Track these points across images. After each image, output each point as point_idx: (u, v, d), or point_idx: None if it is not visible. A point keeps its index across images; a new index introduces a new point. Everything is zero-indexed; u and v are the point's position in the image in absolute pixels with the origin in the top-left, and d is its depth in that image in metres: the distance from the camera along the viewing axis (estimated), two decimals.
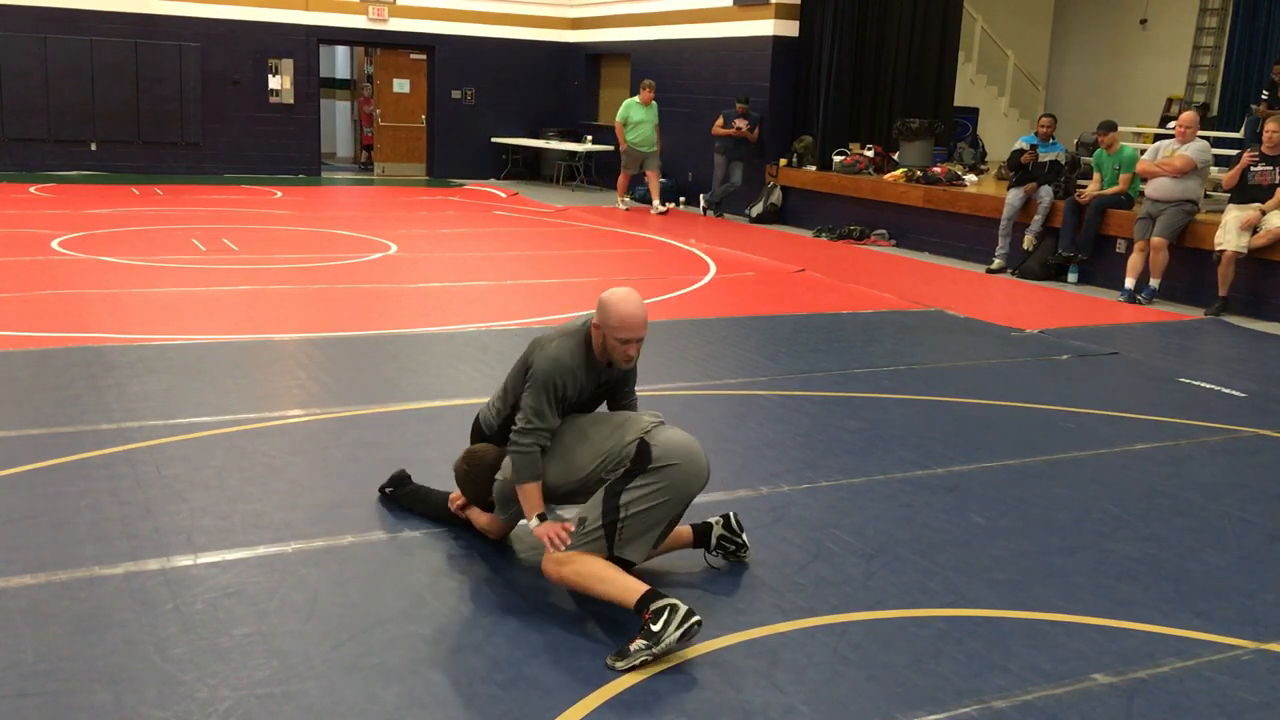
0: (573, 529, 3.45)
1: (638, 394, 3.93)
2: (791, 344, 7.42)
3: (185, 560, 3.68)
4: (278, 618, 3.32)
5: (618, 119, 14.99)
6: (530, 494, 3.55)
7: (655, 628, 3.09)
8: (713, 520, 3.80)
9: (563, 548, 3.42)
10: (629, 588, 3.25)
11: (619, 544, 3.38)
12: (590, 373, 3.64)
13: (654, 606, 3.13)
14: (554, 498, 3.63)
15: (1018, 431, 5.61)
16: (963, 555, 4.01)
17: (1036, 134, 11.41)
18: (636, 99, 14.95)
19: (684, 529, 3.75)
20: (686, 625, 3.10)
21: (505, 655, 3.17)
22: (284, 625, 3.28)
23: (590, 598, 3.38)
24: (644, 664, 3.08)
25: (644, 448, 3.40)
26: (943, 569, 3.88)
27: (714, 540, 3.78)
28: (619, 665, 3.09)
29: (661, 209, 14.90)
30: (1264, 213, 9.14)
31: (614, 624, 3.38)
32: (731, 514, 3.82)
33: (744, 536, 3.82)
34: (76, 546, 3.74)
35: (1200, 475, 5.06)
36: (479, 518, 3.90)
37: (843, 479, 4.77)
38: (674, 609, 3.11)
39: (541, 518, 3.54)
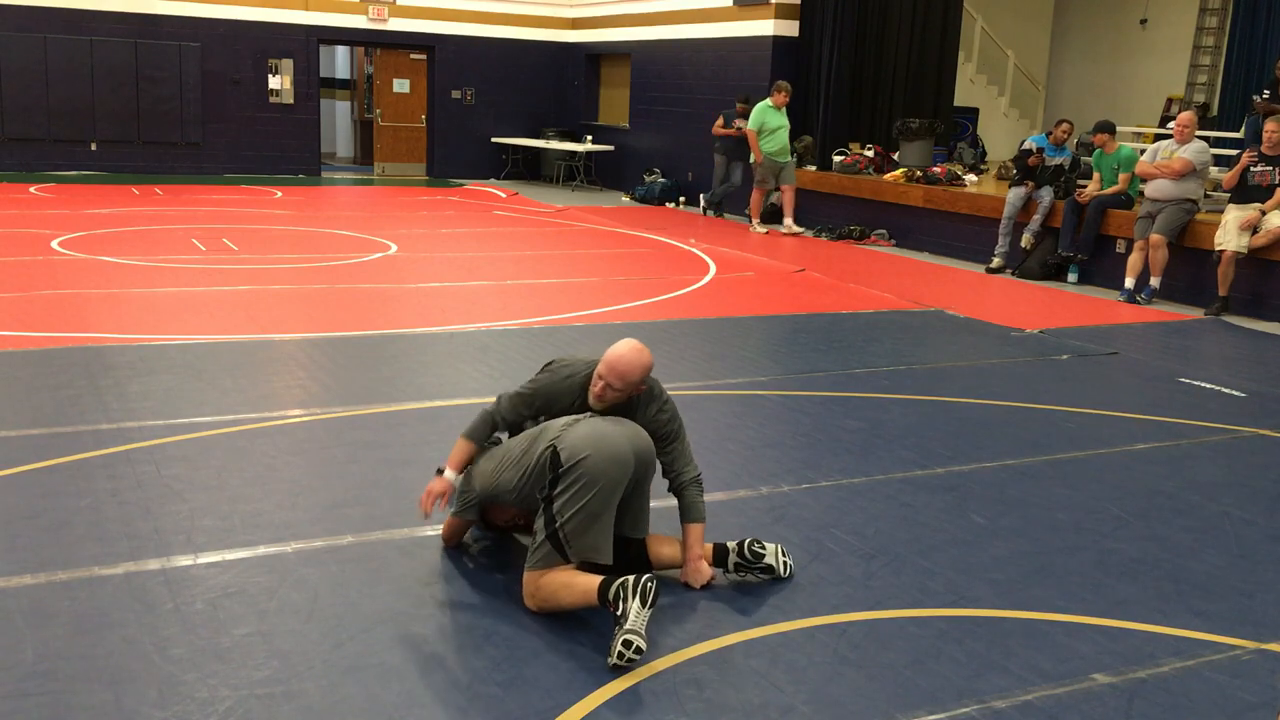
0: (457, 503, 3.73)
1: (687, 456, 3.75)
2: (791, 344, 7.41)
3: (185, 560, 3.68)
4: (278, 618, 3.32)
5: (750, 126, 13.18)
6: (458, 448, 3.73)
7: (619, 612, 3.14)
8: (730, 545, 3.73)
9: (429, 506, 3.66)
10: (589, 588, 3.27)
11: (571, 549, 3.38)
12: (580, 397, 3.66)
13: (610, 594, 3.17)
14: (493, 498, 3.69)
15: (1018, 431, 5.61)
16: (963, 555, 4.01)
17: (1049, 136, 11.38)
18: (769, 102, 13.21)
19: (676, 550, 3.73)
20: (640, 590, 3.13)
21: (505, 655, 3.17)
22: (284, 625, 3.28)
23: (574, 611, 3.38)
24: (634, 648, 3.07)
25: (553, 454, 3.41)
26: (943, 569, 3.88)
27: (730, 565, 3.73)
28: (612, 661, 3.10)
29: (796, 229, 13.33)
30: (1264, 213, 9.14)
31: (613, 625, 3.38)
32: (747, 541, 3.73)
33: (772, 560, 3.70)
34: (76, 546, 3.74)
35: (1200, 475, 5.06)
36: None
37: (843, 479, 4.77)
38: (624, 585, 3.15)
39: (440, 472, 3.72)
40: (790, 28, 14.78)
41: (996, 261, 11.11)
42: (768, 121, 13.09)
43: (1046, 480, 4.88)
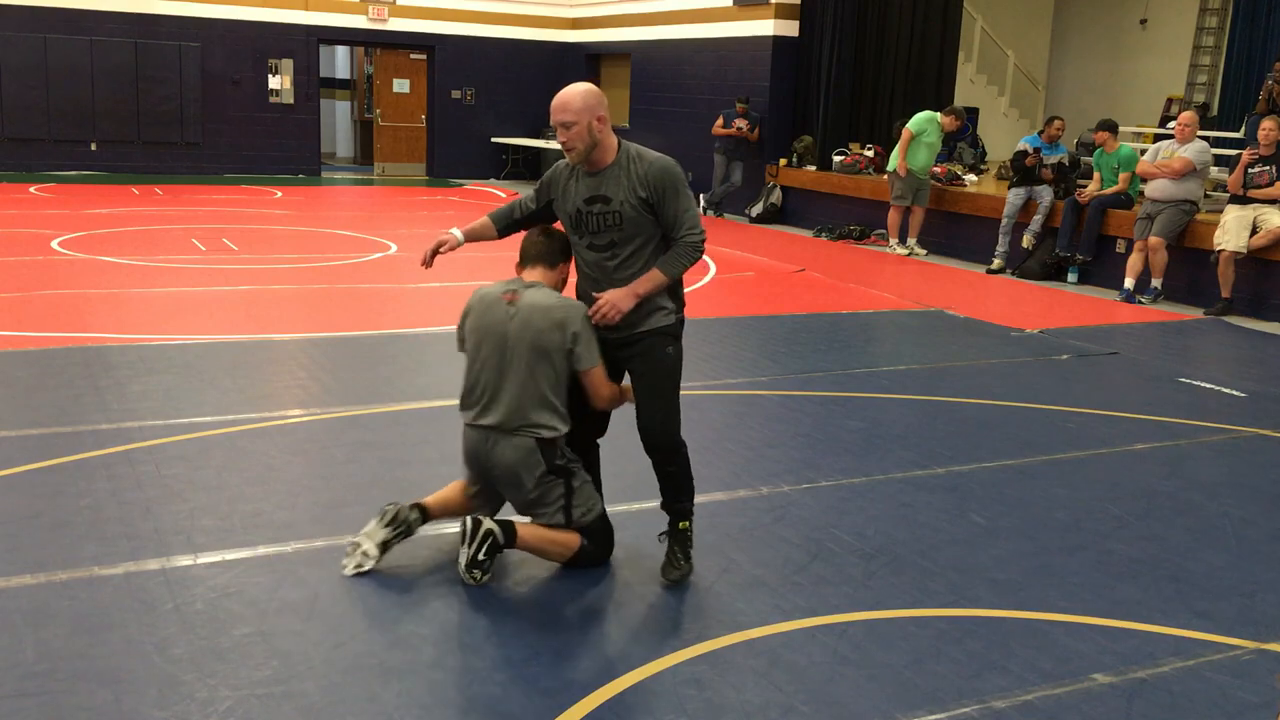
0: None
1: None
2: (791, 344, 7.41)
3: (185, 560, 3.68)
4: (278, 618, 3.32)
5: (910, 127, 11.74)
6: (479, 221, 3.99)
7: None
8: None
9: (429, 257, 3.90)
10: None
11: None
12: (567, 173, 3.79)
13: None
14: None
15: (1018, 431, 5.61)
16: (963, 555, 4.01)
17: (1041, 135, 11.40)
18: (938, 115, 11.91)
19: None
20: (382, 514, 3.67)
21: (505, 655, 3.17)
22: (284, 625, 3.28)
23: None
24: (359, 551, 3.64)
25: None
26: (943, 569, 3.88)
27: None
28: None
29: (920, 250, 12.18)
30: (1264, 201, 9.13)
31: (613, 625, 3.39)
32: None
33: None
34: (76, 546, 3.74)
35: (1200, 475, 5.06)
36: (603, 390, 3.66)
37: (843, 479, 4.77)
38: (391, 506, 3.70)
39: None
40: (790, 28, 14.77)
41: (997, 263, 11.10)
42: (927, 133, 11.77)
43: (1046, 480, 4.88)
